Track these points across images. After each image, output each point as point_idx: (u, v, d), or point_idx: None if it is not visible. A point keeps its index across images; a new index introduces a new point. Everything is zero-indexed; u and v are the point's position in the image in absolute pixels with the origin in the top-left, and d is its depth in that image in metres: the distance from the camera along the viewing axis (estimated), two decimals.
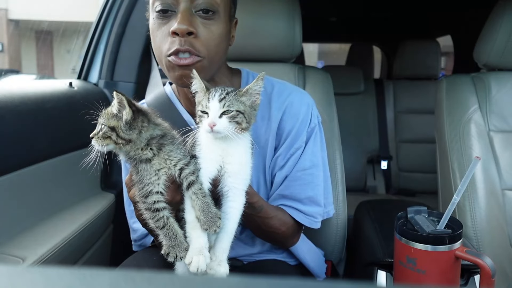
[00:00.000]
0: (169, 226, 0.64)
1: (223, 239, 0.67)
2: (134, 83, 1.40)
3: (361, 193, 2.43)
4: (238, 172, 0.69)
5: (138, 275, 0.24)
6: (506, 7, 1.20)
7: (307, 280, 0.24)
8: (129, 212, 0.96)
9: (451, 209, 0.76)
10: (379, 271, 0.93)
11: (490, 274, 0.71)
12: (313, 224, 0.90)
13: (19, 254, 0.82)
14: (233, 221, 0.68)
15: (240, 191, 0.69)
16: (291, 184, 0.88)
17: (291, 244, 0.93)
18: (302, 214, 0.89)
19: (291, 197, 0.88)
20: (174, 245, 0.63)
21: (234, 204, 0.68)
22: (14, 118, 0.88)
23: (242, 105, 0.66)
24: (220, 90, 0.66)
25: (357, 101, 2.52)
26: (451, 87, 1.29)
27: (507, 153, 1.19)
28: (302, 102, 0.91)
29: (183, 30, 0.74)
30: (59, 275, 0.24)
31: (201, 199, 0.64)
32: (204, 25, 0.77)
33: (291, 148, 0.88)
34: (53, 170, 1.00)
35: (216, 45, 0.79)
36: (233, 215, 0.68)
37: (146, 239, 0.95)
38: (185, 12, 0.75)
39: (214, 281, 0.25)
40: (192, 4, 0.76)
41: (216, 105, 0.64)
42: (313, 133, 0.91)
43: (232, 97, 0.65)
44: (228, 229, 0.67)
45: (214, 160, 0.67)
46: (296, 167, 0.88)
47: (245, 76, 0.96)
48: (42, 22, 10.80)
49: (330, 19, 3.19)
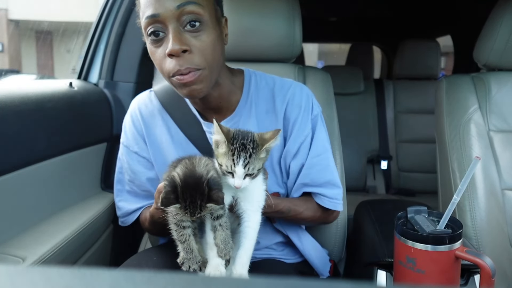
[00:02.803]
0: (188, 242, 0.71)
1: (242, 255, 0.73)
2: (134, 83, 1.40)
3: (361, 193, 2.43)
4: (251, 198, 0.75)
5: (138, 275, 0.24)
6: (506, 7, 1.20)
7: (307, 280, 0.24)
8: (116, 191, 1.02)
9: (451, 209, 0.76)
10: (379, 271, 0.93)
11: (490, 274, 0.71)
12: (337, 206, 0.95)
13: (19, 254, 0.82)
14: (250, 238, 0.74)
15: (255, 212, 0.76)
16: (309, 171, 0.93)
17: (333, 219, 1.02)
18: (326, 199, 0.94)
19: (312, 184, 0.93)
20: (189, 258, 0.70)
21: (250, 224, 0.75)
22: (14, 118, 0.88)
23: (261, 162, 0.71)
24: (243, 154, 0.69)
25: (357, 101, 2.52)
26: (451, 87, 1.29)
27: (507, 153, 1.19)
28: (302, 93, 0.96)
29: (177, 50, 0.77)
30: (59, 275, 0.24)
31: (225, 231, 0.71)
32: (195, 37, 0.79)
33: (301, 136, 0.93)
34: (53, 170, 1.00)
35: (211, 52, 0.81)
36: (249, 234, 0.74)
37: (129, 217, 1.01)
38: (175, 32, 0.77)
39: (214, 281, 0.25)
40: (179, 23, 0.78)
41: (241, 171, 0.68)
42: (317, 121, 0.95)
43: (254, 159, 0.69)
44: (246, 246, 0.74)
45: (229, 190, 0.73)
46: (310, 154, 0.93)
47: (248, 76, 0.97)
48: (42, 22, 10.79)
49: (330, 19, 3.19)
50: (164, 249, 0.95)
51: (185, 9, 0.77)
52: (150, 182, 0.97)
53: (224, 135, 0.70)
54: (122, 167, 1.00)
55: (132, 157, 0.98)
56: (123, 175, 1.00)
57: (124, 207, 1.00)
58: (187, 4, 0.77)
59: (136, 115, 0.98)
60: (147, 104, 0.99)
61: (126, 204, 1.00)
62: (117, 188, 1.02)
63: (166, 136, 0.96)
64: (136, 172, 0.97)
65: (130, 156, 0.98)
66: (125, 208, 1.00)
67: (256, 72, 0.99)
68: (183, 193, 0.65)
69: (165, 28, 0.78)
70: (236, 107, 0.94)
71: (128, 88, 1.39)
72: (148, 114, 0.97)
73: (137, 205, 0.99)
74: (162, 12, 0.76)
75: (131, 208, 0.99)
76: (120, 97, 1.38)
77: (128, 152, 0.98)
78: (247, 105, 0.94)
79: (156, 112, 0.97)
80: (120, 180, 1.01)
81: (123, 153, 1.00)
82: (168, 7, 0.76)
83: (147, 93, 1.02)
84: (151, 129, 0.97)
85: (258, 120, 0.94)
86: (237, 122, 0.93)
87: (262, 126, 0.93)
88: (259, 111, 0.94)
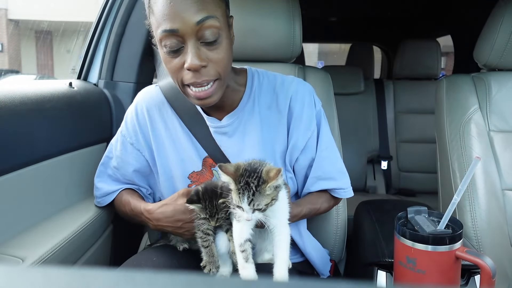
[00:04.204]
0: (211, 247, 0.83)
1: (279, 267, 0.76)
2: (134, 83, 1.40)
3: (361, 193, 2.43)
4: (278, 214, 0.78)
5: (138, 275, 0.24)
6: (506, 7, 1.20)
7: (307, 280, 0.24)
8: (98, 172, 1.06)
9: (451, 209, 0.76)
10: (379, 271, 0.93)
11: (491, 274, 0.71)
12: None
13: (19, 254, 0.82)
14: (283, 250, 0.78)
15: (283, 225, 0.79)
16: (321, 164, 0.96)
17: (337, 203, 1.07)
18: (341, 191, 0.99)
19: (325, 177, 0.97)
20: (211, 262, 0.82)
21: (281, 237, 0.78)
22: (14, 118, 0.88)
23: (268, 198, 0.72)
24: (246, 192, 0.71)
25: (357, 101, 2.52)
26: (451, 87, 1.29)
27: (507, 153, 1.19)
28: (305, 89, 0.98)
29: (197, 66, 0.78)
30: (59, 275, 0.24)
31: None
32: (212, 51, 0.80)
33: (308, 132, 0.95)
34: (53, 170, 1.00)
35: (227, 63, 0.84)
36: (282, 246, 0.78)
37: (106, 198, 1.04)
38: (194, 48, 0.78)
39: (214, 281, 0.25)
40: (197, 37, 0.78)
41: (246, 207, 0.72)
42: (321, 115, 0.99)
43: (258, 196, 0.71)
44: (282, 257, 0.77)
45: None
46: (319, 148, 0.97)
47: (251, 74, 0.99)
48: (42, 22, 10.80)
49: (330, 19, 3.19)
50: (164, 249, 0.95)
51: (204, 25, 0.77)
52: (136, 173, 1.01)
53: (231, 176, 0.72)
54: (112, 152, 1.03)
55: (126, 147, 1.00)
56: (110, 160, 1.04)
57: (103, 188, 1.04)
58: (206, 19, 0.76)
59: (142, 108, 1.00)
60: (154, 97, 1.00)
61: (105, 185, 1.04)
62: (100, 169, 1.06)
63: (170, 130, 0.97)
64: (125, 162, 1.01)
65: (124, 146, 1.01)
66: (104, 189, 1.04)
67: (259, 70, 1.01)
68: (203, 195, 0.81)
69: (183, 42, 0.78)
70: (239, 104, 0.95)
71: (128, 88, 1.39)
72: (153, 107, 0.99)
73: (117, 187, 1.03)
74: (181, 27, 0.76)
75: (110, 189, 1.03)
76: (120, 97, 1.38)
77: (123, 142, 1.01)
78: (249, 101, 0.96)
79: (161, 106, 0.99)
80: (105, 163, 1.05)
81: (117, 140, 1.03)
82: (187, 23, 0.76)
83: (153, 87, 1.04)
84: (156, 123, 0.98)
85: (261, 116, 0.96)
86: (240, 118, 0.95)
87: (265, 121, 0.95)
88: (262, 107, 0.96)
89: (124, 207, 1.00)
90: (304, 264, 1.03)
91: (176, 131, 0.97)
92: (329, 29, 3.43)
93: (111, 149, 1.04)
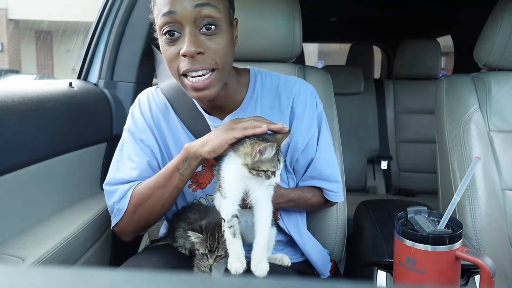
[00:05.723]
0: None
1: (259, 242, 0.77)
2: (134, 83, 1.40)
3: (361, 193, 2.43)
4: (260, 189, 0.79)
5: (138, 275, 0.24)
6: (506, 7, 1.20)
7: (307, 280, 0.24)
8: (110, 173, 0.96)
9: (451, 209, 0.76)
10: (379, 271, 0.93)
11: (490, 274, 0.71)
12: (338, 198, 1.01)
13: (19, 254, 0.82)
14: (264, 225, 0.78)
15: (266, 201, 0.80)
16: (318, 165, 0.97)
17: (334, 203, 1.08)
18: (331, 193, 1.00)
19: (319, 177, 0.98)
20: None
21: (263, 212, 0.79)
22: (14, 118, 0.88)
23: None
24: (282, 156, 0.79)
25: (357, 101, 2.52)
26: (451, 87, 1.29)
27: (507, 153, 1.19)
28: (307, 90, 0.99)
29: (192, 52, 0.78)
30: (59, 275, 0.24)
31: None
32: (210, 40, 0.80)
33: (309, 133, 0.96)
34: (53, 170, 1.00)
35: (224, 54, 0.83)
36: (263, 221, 0.78)
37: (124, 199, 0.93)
38: (191, 34, 0.78)
39: (214, 281, 0.25)
40: (195, 25, 0.79)
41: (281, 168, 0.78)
42: (322, 117, 0.99)
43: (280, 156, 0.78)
44: (262, 233, 0.78)
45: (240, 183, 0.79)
46: (318, 149, 0.97)
47: (254, 74, 0.99)
48: (42, 22, 10.80)
49: (330, 19, 3.19)
50: (164, 249, 0.95)
51: (202, 11, 0.78)
52: (149, 166, 0.95)
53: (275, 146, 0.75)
54: (123, 151, 0.97)
55: (136, 142, 0.96)
56: (122, 159, 0.96)
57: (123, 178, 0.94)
58: (204, 5, 0.78)
59: (145, 106, 0.99)
60: (155, 98, 1.00)
61: (122, 174, 0.94)
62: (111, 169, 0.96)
63: (171, 130, 0.97)
64: (139, 155, 0.95)
65: (135, 141, 0.96)
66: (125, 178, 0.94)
67: (262, 71, 1.02)
68: (206, 228, 0.80)
69: (181, 28, 0.79)
70: (241, 104, 0.95)
71: (128, 88, 1.39)
72: (156, 107, 0.99)
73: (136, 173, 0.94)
74: (180, 10, 0.77)
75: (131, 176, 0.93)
76: (120, 97, 1.38)
77: (133, 138, 0.96)
78: (252, 101, 0.96)
79: (163, 107, 0.99)
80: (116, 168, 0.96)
81: (125, 139, 0.97)
82: (186, 6, 0.77)
83: (154, 88, 1.03)
84: (159, 122, 0.98)
85: (263, 116, 0.95)
86: (242, 118, 0.94)
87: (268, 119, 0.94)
88: (264, 107, 0.96)
89: (149, 185, 0.90)
90: (304, 264, 1.03)
91: (177, 131, 0.97)
92: (329, 29, 3.43)
93: (121, 149, 0.97)
